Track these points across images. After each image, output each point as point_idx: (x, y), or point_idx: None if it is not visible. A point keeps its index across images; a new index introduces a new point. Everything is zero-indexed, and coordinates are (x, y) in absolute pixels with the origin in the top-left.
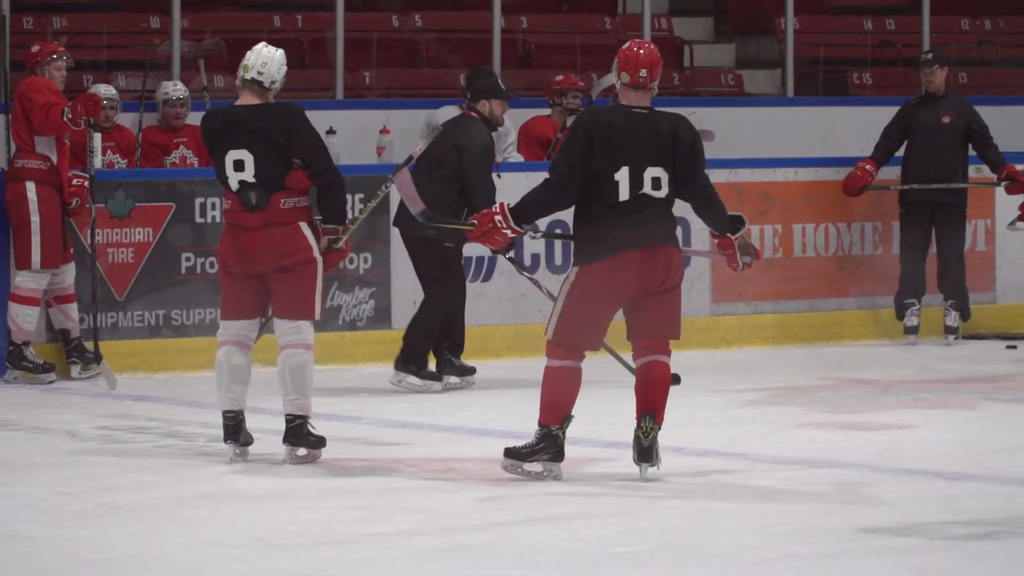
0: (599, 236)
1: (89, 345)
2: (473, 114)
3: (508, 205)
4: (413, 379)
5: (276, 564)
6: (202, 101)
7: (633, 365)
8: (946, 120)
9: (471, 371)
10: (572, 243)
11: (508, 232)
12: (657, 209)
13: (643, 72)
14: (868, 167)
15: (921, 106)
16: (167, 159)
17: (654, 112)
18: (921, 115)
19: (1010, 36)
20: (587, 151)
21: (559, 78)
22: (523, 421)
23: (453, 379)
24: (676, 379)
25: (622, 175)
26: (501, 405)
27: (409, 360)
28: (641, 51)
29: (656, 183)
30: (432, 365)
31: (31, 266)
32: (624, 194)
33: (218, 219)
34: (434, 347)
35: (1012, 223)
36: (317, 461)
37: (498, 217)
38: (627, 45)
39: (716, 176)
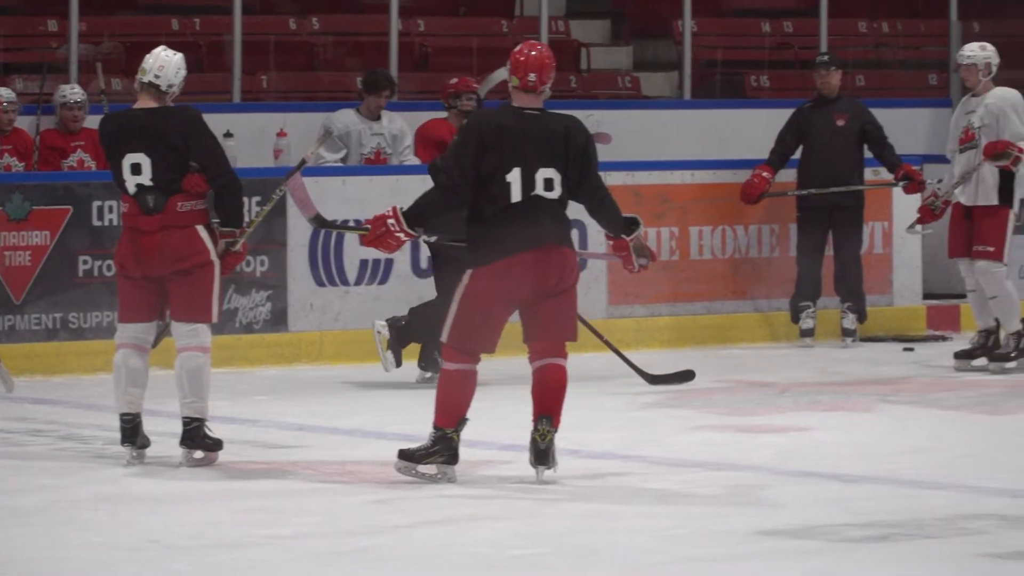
0: (492, 238)
1: None
2: None
3: (400, 209)
4: (387, 353)
5: (173, 566)
6: (100, 104)
7: (644, 368)
8: (840, 123)
9: None
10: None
11: (401, 235)
12: (550, 210)
13: (532, 76)
14: (764, 174)
15: (815, 109)
16: (64, 162)
17: (546, 113)
18: (815, 118)
19: (907, 39)
20: (478, 152)
21: (454, 81)
22: (419, 424)
23: (429, 374)
24: (691, 375)
25: (514, 176)
26: (397, 408)
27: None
28: (532, 53)
29: (548, 184)
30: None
31: None
32: (516, 196)
33: (116, 222)
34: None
35: (911, 226)
36: (214, 464)
37: (391, 221)
38: (519, 48)
39: (613, 178)
